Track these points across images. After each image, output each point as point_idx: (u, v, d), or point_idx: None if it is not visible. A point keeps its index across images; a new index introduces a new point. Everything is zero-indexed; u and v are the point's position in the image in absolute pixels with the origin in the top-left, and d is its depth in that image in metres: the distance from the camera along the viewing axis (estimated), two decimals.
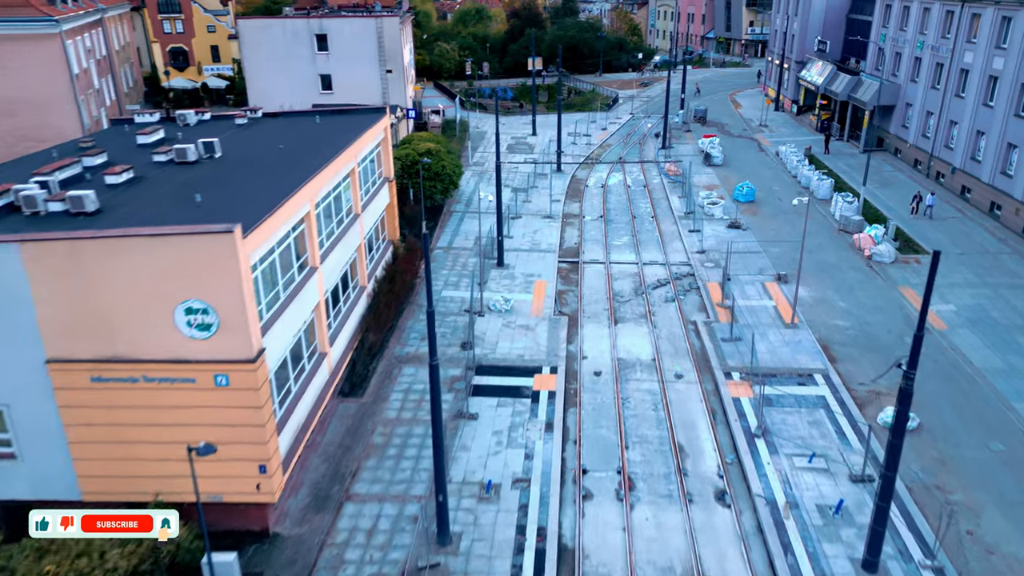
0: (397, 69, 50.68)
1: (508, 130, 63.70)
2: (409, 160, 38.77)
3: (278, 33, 49.09)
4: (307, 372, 21.57)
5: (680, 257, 36.15)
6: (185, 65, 73.72)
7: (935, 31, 45.41)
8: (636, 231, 39.66)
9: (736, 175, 48.70)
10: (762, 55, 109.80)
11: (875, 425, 22.61)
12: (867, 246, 35.29)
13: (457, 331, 28.70)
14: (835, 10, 62.29)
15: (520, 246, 37.57)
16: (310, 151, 24.95)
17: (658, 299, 31.80)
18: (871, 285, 32.27)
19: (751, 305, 30.52)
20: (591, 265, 35.52)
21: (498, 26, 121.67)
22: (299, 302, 20.53)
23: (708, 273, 33.86)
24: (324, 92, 50.56)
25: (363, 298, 27.76)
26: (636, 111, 70.48)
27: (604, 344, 28.05)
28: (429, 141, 42.65)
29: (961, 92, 42.61)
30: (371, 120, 29.83)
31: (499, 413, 23.42)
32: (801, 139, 57.42)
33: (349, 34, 49.45)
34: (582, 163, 53.16)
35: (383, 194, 31.37)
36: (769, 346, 27.01)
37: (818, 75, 59.93)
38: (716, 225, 39.72)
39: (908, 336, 28.03)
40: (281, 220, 19.08)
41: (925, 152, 46.37)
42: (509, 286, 32.82)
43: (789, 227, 39.48)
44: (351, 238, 26.02)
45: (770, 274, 33.40)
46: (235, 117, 29.61)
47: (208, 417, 17.16)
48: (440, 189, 39.47)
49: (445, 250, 37.09)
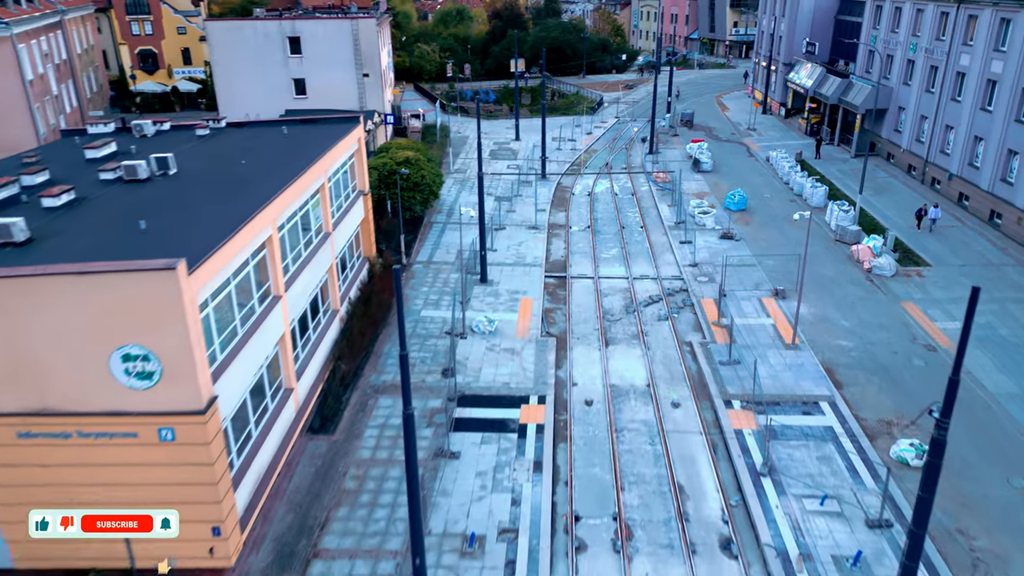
0: (374, 73, 48.65)
1: (490, 135, 61.84)
2: (386, 170, 36.81)
3: (248, 35, 46.88)
4: (270, 412, 19.59)
5: (672, 271, 34.48)
6: (155, 68, 71.10)
7: (929, 33, 44.15)
8: (625, 242, 37.96)
9: (726, 182, 47.19)
10: (746, 56, 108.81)
11: (889, 460, 21.00)
12: (866, 258, 33.82)
13: (438, 356, 26.79)
14: (823, 11, 61.06)
15: (504, 260, 35.71)
16: (275, 166, 22.94)
17: (651, 317, 30.09)
18: (872, 300, 30.78)
19: (749, 324, 28.89)
20: (579, 280, 33.75)
21: (479, 27, 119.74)
22: (260, 337, 18.55)
23: (702, 288, 32.22)
24: (298, 97, 48.43)
25: (335, 323, 25.78)
26: (622, 114, 68.90)
27: (595, 369, 26.28)
28: (407, 149, 40.69)
29: (957, 96, 41.34)
30: (343, 130, 27.86)
31: (483, 451, 21.55)
32: (791, 143, 56.09)
33: (323, 36, 47.36)
34: (567, 170, 51.43)
35: (357, 209, 29.40)
36: (770, 370, 25.37)
37: (807, 78, 58.65)
38: (708, 235, 38.11)
39: (916, 357, 26.62)
40: (238, 247, 17.09)
41: (919, 158, 45.11)
42: (493, 304, 30.97)
43: (783, 237, 37.99)
44: (321, 259, 24.04)
45: (767, 289, 31.81)
46: (196, 127, 27.50)
47: (153, 476, 15.16)
48: (420, 200, 37.52)
49: (425, 264, 35.15)
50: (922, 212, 37.52)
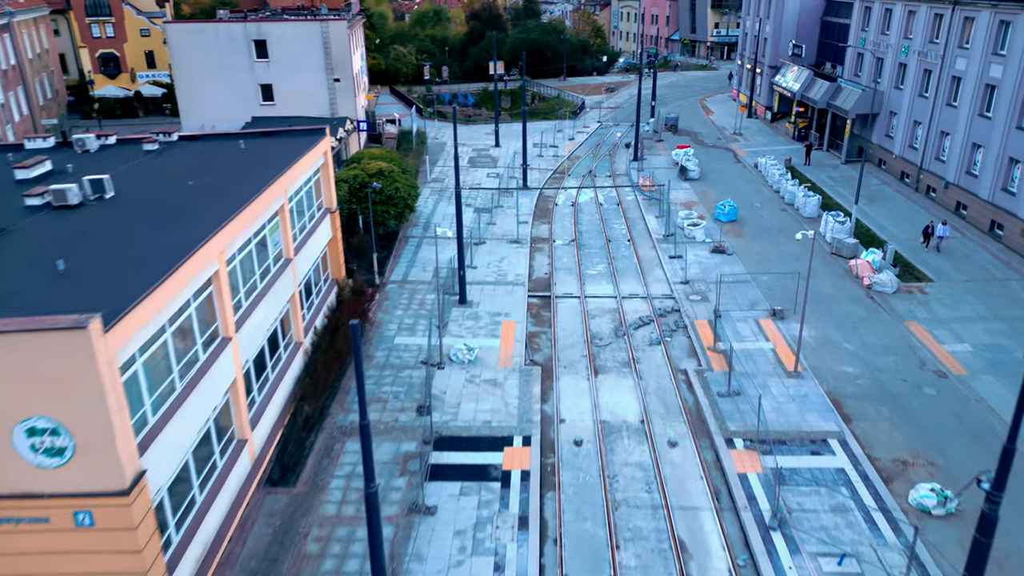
0: (346, 77, 46.25)
1: (469, 141, 59.65)
2: (358, 183, 34.48)
3: (211, 39, 44.26)
4: (220, 470, 17.27)
5: (662, 288, 32.53)
6: (117, 72, 68.02)
7: (922, 35, 42.67)
8: (612, 257, 35.96)
9: (714, 190, 45.42)
10: (728, 57, 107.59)
11: (908, 507, 19.13)
12: (865, 274, 32.10)
13: (412, 390, 24.57)
14: (809, 12, 59.60)
15: (485, 278, 33.55)
16: (228, 187, 20.60)
17: (641, 341, 28.09)
18: (875, 320, 29.03)
19: (746, 348, 26.99)
20: (565, 300, 31.68)
21: (457, 28, 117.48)
22: (206, 387, 16.23)
23: (695, 308, 30.29)
24: (265, 103, 45.89)
25: (299, 357, 23.45)
26: (604, 119, 67.01)
27: (584, 402, 24.20)
28: (381, 159, 38.38)
29: (953, 101, 39.85)
30: (307, 143, 25.53)
31: (462, 504, 19.37)
32: (779, 149, 54.52)
33: (291, 40, 44.87)
34: (550, 178, 49.38)
35: (324, 228, 27.08)
36: (773, 402, 23.46)
37: (794, 81, 57.11)
38: (698, 249, 36.22)
39: (926, 385, 24.84)
40: (176, 288, 14.77)
41: (913, 164, 43.62)
42: (473, 329, 28.80)
43: (777, 250, 36.22)
44: (281, 289, 21.72)
45: (763, 309, 29.95)
46: (143, 142, 25.02)
47: (69, 566, 12.81)
48: (394, 214, 35.23)
49: (400, 284, 32.89)
50: (929, 230, 34.99)
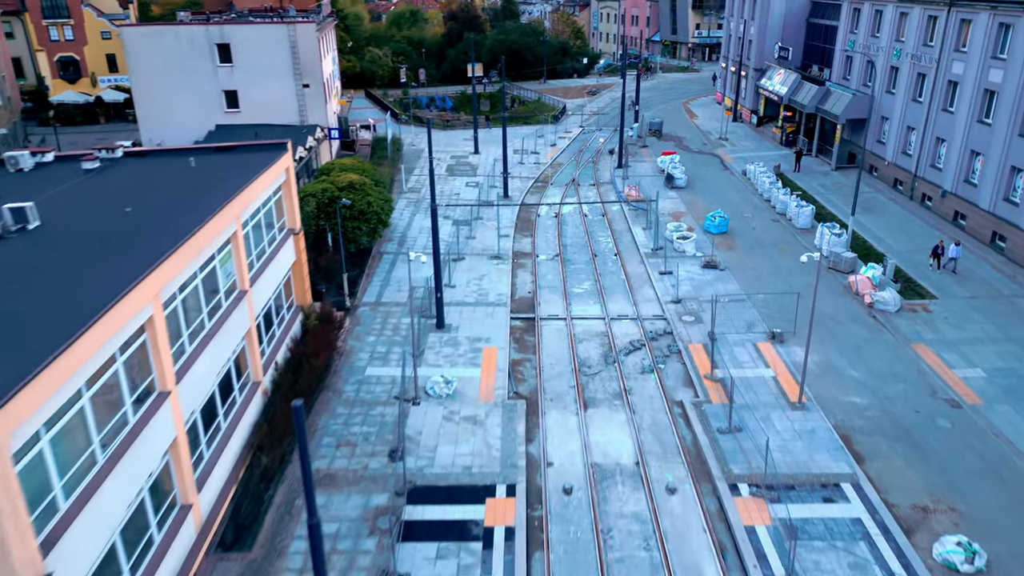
0: (316, 83, 43.87)
1: (447, 148, 57.44)
2: (326, 197, 32.18)
3: (171, 42, 41.69)
4: (159, 544, 14.99)
5: (653, 308, 30.61)
6: (77, 76, 64.93)
7: (915, 38, 41.21)
8: (599, 274, 33.99)
9: (703, 199, 43.65)
10: (710, 59, 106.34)
11: (934, 564, 17.32)
12: (866, 291, 30.42)
13: (384, 430, 22.38)
14: (795, 14, 58.16)
15: (464, 298, 31.43)
16: (171, 213, 18.30)
17: (633, 369, 26.12)
18: (880, 343, 27.31)
19: (746, 376, 25.11)
20: (550, 322, 29.63)
21: (435, 29, 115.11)
22: (137, 453, 13.97)
23: (689, 331, 28.39)
24: (230, 111, 43.39)
25: (257, 398, 21.16)
26: (586, 123, 65.12)
27: (573, 441, 22.17)
28: (352, 171, 36.08)
29: (949, 107, 38.40)
30: (266, 159, 23.23)
31: (439, 571, 17.23)
32: (766, 154, 52.93)
33: (257, 43, 42.42)
34: (532, 187, 47.34)
35: (286, 251, 24.80)
36: (777, 439, 21.59)
37: (780, 84, 55.61)
38: (689, 264, 34.37)
39: (940, 416, 23.09)
40: (93, 346, 12.51)
41: (907, 172, 42.16)
42: (451, 357, 26.66)
43: (771, 264, 34.48)
44: (234, 325, 19.45)
45: (761, 331, 28.12)
46: (83, 159, 22.57)
47: None
48: (366, 230, 32.95)
49: (373, 307, 30.65)
50: (939, 250, 32.29)
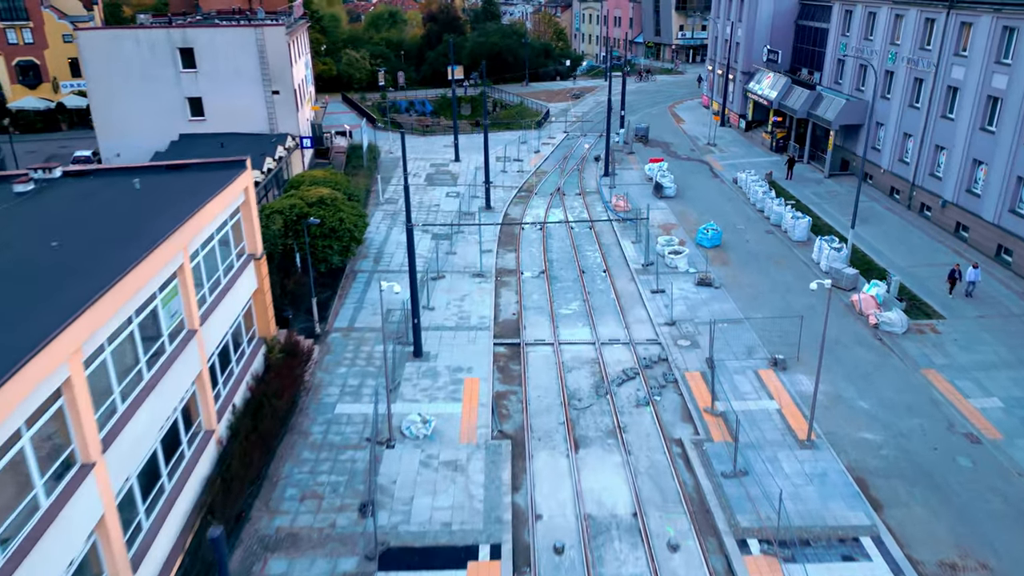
0: (286, 89, 41.54)
1: (426, 155, 55.26)
2: (295, 214, 29.91)
3: (130, 47, 39.18)
4: None
5: (646, 331, 28.68)
6: (37, 82, 61.95)
7: (912, 41, 39.68)
8: (587, 292, 32.02)
9: (694, 210, 41.86)
10: (694, 60, 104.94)
11: None
12: (870, 311, 28.69)
13: (355, 479, 20.23)
14: (783, 16, 56.64)
15: (444, 322, 29.32)
16: (105, 247, 16.04)
17: (627, 401, 24.17)
18: (888, 368, 25.57)
19: (749, 409, 23.25)
20: (536, 348, 27.61)
21: (414, 30, 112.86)
22: (52, 540, 11.75)
23: (685, 357, 26.49)
24: (194, 119, 40.94)
25: (210, 448, 18.91)
26: (570, 128, 63.20)
27: (564, 488, 20.16)
28: (324, 184, 33.86)
29: (949, 113, 36.88)
30: (222, 179, 20.98)
31: None
32: (757, 161, 51.32)
33: (222, 48, 40.02)
34: (515, 197, 45.29)
35: (246, 279, 22.55)
36: (787, 483, 19.72)
37: (770, 88, 54.01)
38: (682, 281, 32.50)
39: (959, 453, 21.28)
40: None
41: (904, 180, 40.63)
42: (430, 390, 24.55)
43: (768, 280, 32.69)
44: (181, 371, 17.21)
45: (762, 357, 26.28)
46: (14, 181, 20.18)
47: None
48: (338, 249, 30.72)
49: (345, 333, 28.45)
50: (955, 274, 29.79)
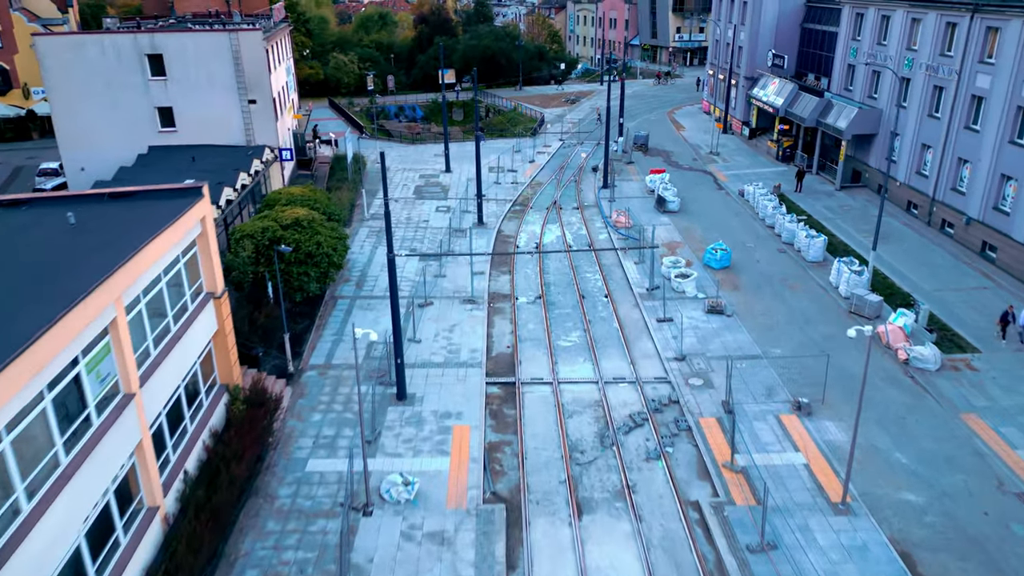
0: (263, 98, 38.80)
1: (415, 165, 52.57)
2: (267, 238, 27.18)
3: (94, 54, 36.38)
4: None
5: (653, 367, 26.09)
6: (7, 88, 58.97)
7: (931, 47, 37.23)
8: (588, 321, 29.42)
9: (699, 226, 39.31)
10: (691, 63, 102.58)
11: None
12: (899, 344, 26.17)
13: (326, 555, 17.55)
14: (788, 19, 54.22)
15: (431, 357, 26.66)
16: (16, 304, 13.32)
17: (636, 454, 21.57)
18: (924, 412, 23.04)
19: (772, 464, 20.67)
20: (533, 388, 24.98)
21: (405, 32, 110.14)
22: None
23: (698, 399, 23.90)
24: (165, 130, 38.15)
25: (153, 529, 16.18)
26: (566, 136, 60.60)
27: (566, 567, 17.53)
28: (301, 202, 31.15)
29: (974, 124, 34.44)
30: (173, 210, 18.26)
31: None
32: (763, 171, 48.84)
33: (194, 54, 37.25)
34: (509, 212, 42.63)
35: (204, 321, 19.84)
36: (822, 560, 17.14)
37: (776, 95, 51.55)
38: (691, 308, 29.94)
39: (1014, 519, 18.70)
40: None
41: (923, 195, 38.17)
42: (413, 441, 21.90)
43: (783, 307, 30.14)
44: (114, 446, 14.51)
45: (783, 400, 23.70)
46: None
47: None
48: (315, 276, 27.98)
49: (322, 371, 25.76)
50: (1008, 316, 26.72)
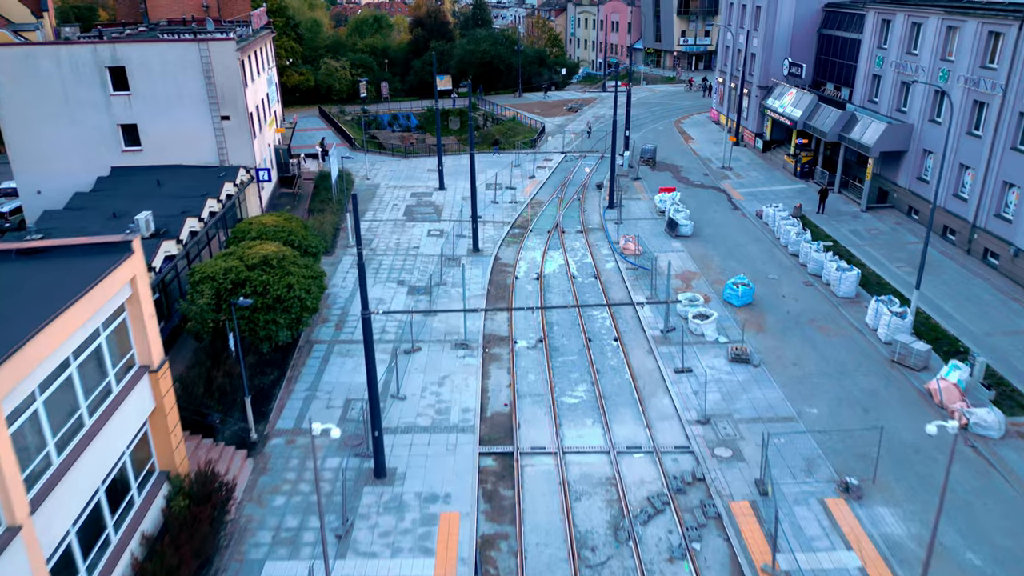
0: (238, 114, 35.36)
1: (408, 181, 49.12)
2: (230, 281, 23.70)
3: (50, 66, 32.97)
4: None
5: (673, 433, 22.64)
6: None
7: (970, 58, 33.82)
8: (596, 371, 25.98)
9: (716, 254, 35.86)
10: (698, 68, 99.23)
11: None
12: (955, 404, 22.74)
13: None
14: (805, 24, 50.81)
15: (416, 419, 23.23)
16: None
17: (657, 551, 18.14)
18: (994, 495, 19.61)
19: (820, 568, 17.24)
20: (534, 460, 21.53)
21: (401, 36, 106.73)
22: None
23: (727, 476, 20.46)
24: (129, 149, 34.73)
25: None
26: (568, 147, 57.15)
27: None
28: (273, 235, 27.70)
29: (1022, 145, 31.04)
30: (92, 272, 14.81)
31: None
32: (780, 189, 45.43)
33: (160, 66, 33.83)
34: (507, 235, 39.13)
35: (135, 403, 16.38)
36: None
37: (793, 107, 48.12)
38: (712, 356, 26.52)
39: None
40: None
41: (962, 220, 34.74)
42: (392, 535, 18.46)
43: (815, 354, 26.68)
44: None
45: (827, 479, 20.25)
46: None
47: None
48: (286, 323, 24.44)
49: (289, 438, 22.30)
50: None
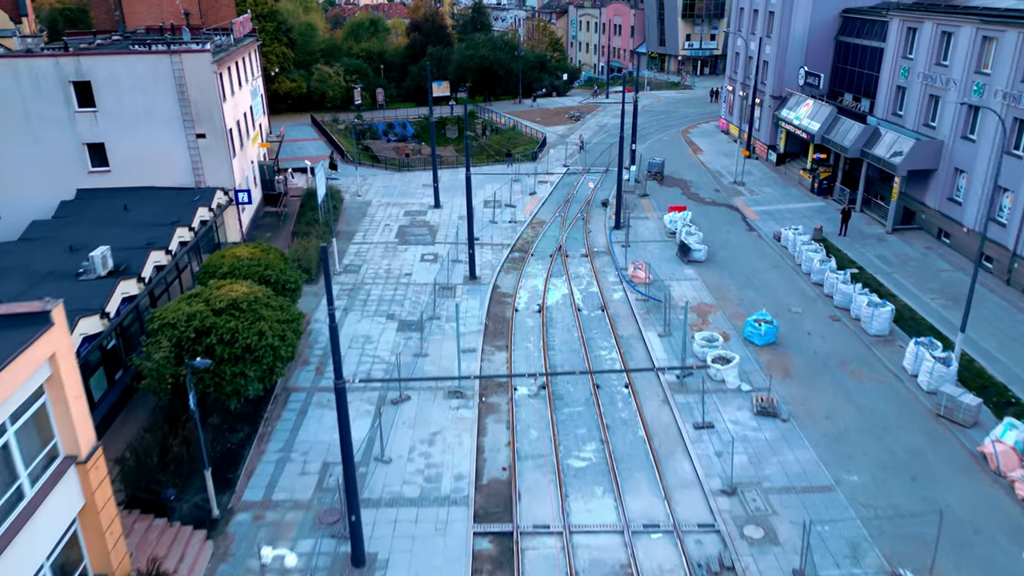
0: (215, 131, 32.63)
1: (401, 197, 46.36)
2: (193, 329, 20.90)
3: (7, 81, 30.26)
4: None
5: (695, 507, 19.85)
6: None
7: (1010, 73, 31.09)
8: (606, 426, 23.21)
9: (733, 282, 33.10)
10: (703, 73, 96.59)
11: None
12: (1014, 471, 20.00)
13: None
14: (822, 31, 48.07)
15: (402, 489, 20.47)
16: None
17: None
18: None
19: None
20: (536, 542, 18.74)
21: (398, 40, 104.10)
22: None
23: (759, 562, 17.70)
24: (96, 170, 32.01)
25: None
26: (571, 160, 54.39)
27: None
28: (247, 270, 24.93)
29: None
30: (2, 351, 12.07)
31: None
32: (797, 207, 42.68)
33: (129, 80, 31.12)
34: (507, 260, 36.35)
35: (59, 502, 13.61)
36: None
37: (809, 119, 45.37)
38: (734, 406, 23.77)
39: None
40: None
41: (1000, 247, 31.99)
42: None
43: (851, 406, 23.89)
44: None
45: (876, 567, 17.49)
46: None
47: None
48: (256, 375, 21.57)
49: (258, 512, 19.53)
50: None
